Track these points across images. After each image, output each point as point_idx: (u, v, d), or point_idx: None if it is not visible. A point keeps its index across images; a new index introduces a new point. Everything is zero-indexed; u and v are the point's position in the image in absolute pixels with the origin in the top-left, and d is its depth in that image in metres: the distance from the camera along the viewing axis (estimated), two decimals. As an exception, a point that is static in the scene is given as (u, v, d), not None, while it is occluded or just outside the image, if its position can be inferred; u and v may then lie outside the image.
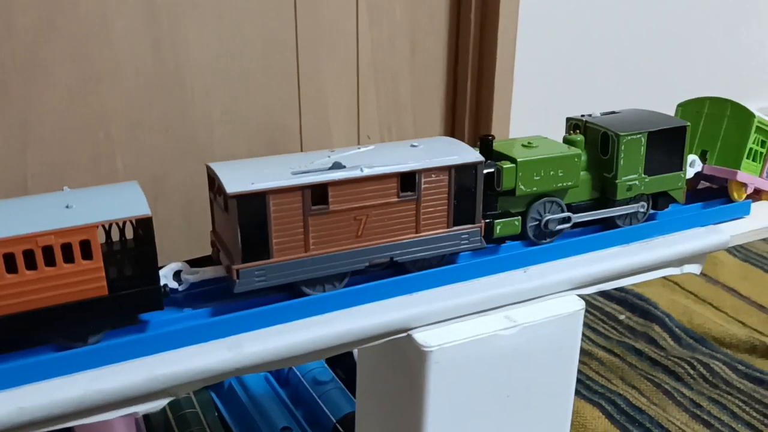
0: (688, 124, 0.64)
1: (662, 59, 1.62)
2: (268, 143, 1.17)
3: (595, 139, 0.62)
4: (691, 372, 0.95)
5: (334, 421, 0.75)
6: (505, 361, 0.56)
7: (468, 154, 0.54)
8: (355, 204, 0.51)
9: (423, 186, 0.53)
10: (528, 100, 1.38)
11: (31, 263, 0.43)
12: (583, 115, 0.66)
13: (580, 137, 0.62)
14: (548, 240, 0.61)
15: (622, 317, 1.06)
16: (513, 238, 0.60)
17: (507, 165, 0.57)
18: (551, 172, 0.59)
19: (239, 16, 1.07)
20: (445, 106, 1.32)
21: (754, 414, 0.88)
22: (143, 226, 0.46)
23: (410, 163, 0.52)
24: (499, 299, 0.56)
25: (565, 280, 0.59)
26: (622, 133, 0.60)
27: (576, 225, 0.62)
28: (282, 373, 0.84)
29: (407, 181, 0.52)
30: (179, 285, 0.50)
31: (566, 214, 0.60)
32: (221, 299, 0.51)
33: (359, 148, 0.54)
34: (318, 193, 0.50)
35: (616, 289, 1.11)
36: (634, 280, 0.63)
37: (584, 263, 0.60)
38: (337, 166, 0.50)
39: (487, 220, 0.57)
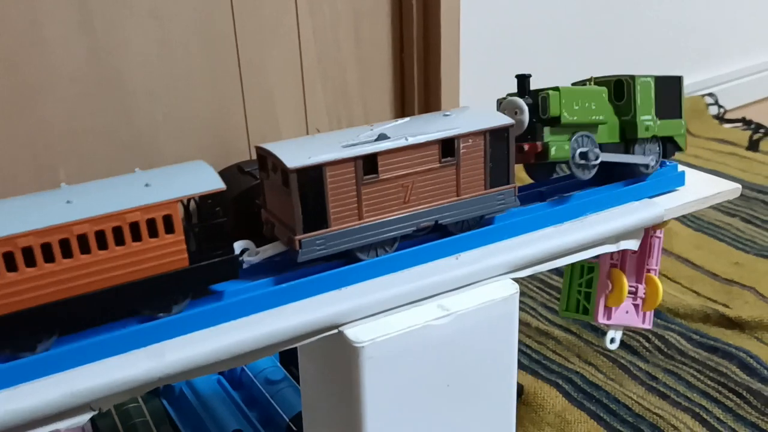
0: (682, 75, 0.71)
1: (603, 31, 1.63)
2: (215, 141, 1.15)
3: (608, 90, 0.66)
4: (647, 345, 0.95)
5: (287, 420, 0.74)
6: (441, 350, 0.55)
7: (499, 119, 0.58)
8: (402, 172, 0.55)
9: (461, 151, 0.56)
10: (476, 81, 1.38)
11: (118, 240, 0.46)
12: (583, 80, 0.70)
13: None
14: (587, 173, 0.63)
15: (578, 295, 1.06)
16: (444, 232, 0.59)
17: (552, 92, 0.60)
18: (587, 104, 0.63)
19: (175, 16, 1.06)
20: (393, 92, 1.32)
21: (709, 382, 0.88)
22: (219, 199, 0.49)
23: (449, 130, 0.56)
24: (431, 288, 0.56)
25: (499, 265, 0.58)
26: (636, 76, 0.66)
27: (603, 165, 0.64)
28: (235, 374, 0.83)
29: (447, 147, 0.56)
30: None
31: (598, 151, 0.63)
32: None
33: (396, 121, 0.58)
34: (368, 164, 0.53)
35: (571, 266, 1.11)
36: (570, 259, 0.63)
37: (517, 246, 0.60)
38: (382, 137, 0.54)
39: (541, 142, 0.60)
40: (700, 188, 0.69)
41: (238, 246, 0.53)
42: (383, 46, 1.27)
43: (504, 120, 0.58)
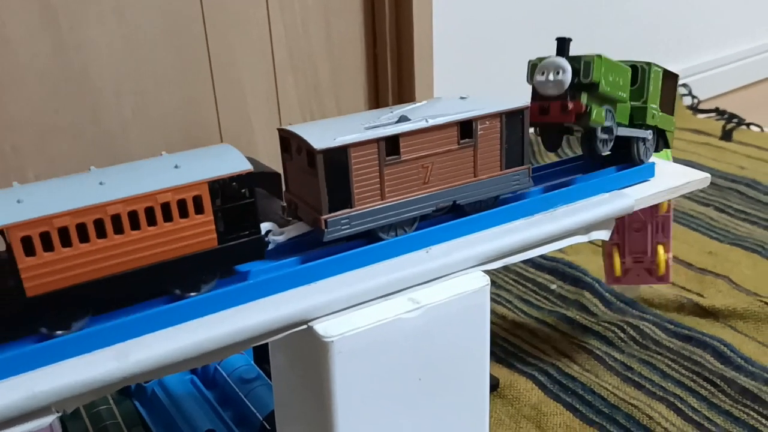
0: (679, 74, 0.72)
1: (577, 23, 1.63)
2: (186, 138, 1.14)
3: None
4: (622, 335, 0.96)
5: (261, 419, 0.73)
6: (412, 344, 0.55)
7: (514, 102, 0.59)
8: (423, 153, 0.56)
9: (479, 132, 0.58)
10: (449, 73, 1.37)
11: (150, 220, 0.47)
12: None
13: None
14: (605, 147, 0.65)
15: (553, 287, 1.07)
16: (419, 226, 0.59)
17: (597, 58, 0.61)
18: (618, 79, 0.64)
19: (141, 11, 1.04)
20: (367, 86, 1.31)
21: (683, 371, 0.89)
22: (247, 180, 0.50)
23: (467, 112, 0.57)
24: (401, 282, 0.55)
25: (469, 257, 0.58)
26: (651, 63, 0.67)
27: (618, 139, 0.66)
28: (208, 373, 0.82)
29: (465, 128, 0.58)
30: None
31: (617, 127, 0.65)
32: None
33: (416, 104, 0.60)
34: (391, 145, 0.55)
35: (547, 258, 1.12)
36: (541, 250, 0.63)
37: (488, 238, 0.59)
38: (403, 119, 0.56)
39: (585, 103, 0.61)
40: (669, 178, 0.70)
41: (263, 227, 0.54)
42: (356, 41, 1.27)
43: (520, 103, 0.60)
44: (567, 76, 0.62)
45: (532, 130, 0.64)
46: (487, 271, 0.59)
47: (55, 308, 0.45)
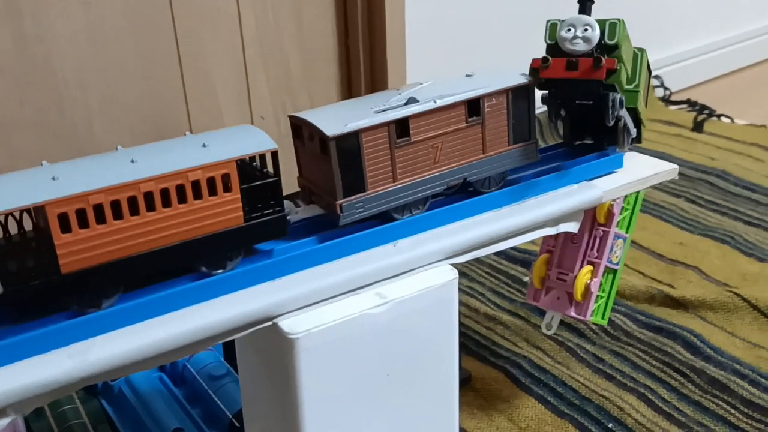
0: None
1: (548, 12, 1.63)
2: (154, 132, 1.12)
3: None
4: (593, 327, 0.96)
5: (230, 416, 0.72)
6: (380, 339, 0.54)
7: (520, 78, 0.60)
8: (432, 133, 0.57)
9: (486, 110, 0.59)
10: (422, 65, 1.37)
11: (180, 198, 0.47)
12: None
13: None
14: (612, 119, 0.63)
15: (526, 279, 1.06)
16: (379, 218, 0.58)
17: (620, 20, 0.61)
18: (628, 51, 0.64)
19: (107, 2, 1.02)
20: (340, 78, 1.30)
21: (653, 362, 0.89)
22: (272, 159, 0.50)
23: (474, 90, 0.58)
24: (368, 277, 0.54)
25: (437, 251, 0.57)
26: (644, 50, 0.67)
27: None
28: (177, 370, 0.81)
29: (473, 107, 0.58)
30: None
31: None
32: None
33: (422, 84, 0.60)
34: (401, 127, 0.55)
35: (519, 250, 1.11)
36: (510, 243, 0.62)
37: (456, 231, 0.59)
38: (412, 101, 0.56)
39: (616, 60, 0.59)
40: (638, 170, 0.69)
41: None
42: (327, 32, 1.25)
43: (525, 79, 0.60)
44: (596, 33, 0.60)
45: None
46: (458, 264, 0.58)
47: (87, 285, 0.45)
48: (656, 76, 1.88)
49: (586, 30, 0.60)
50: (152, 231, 0.47)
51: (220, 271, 0.51)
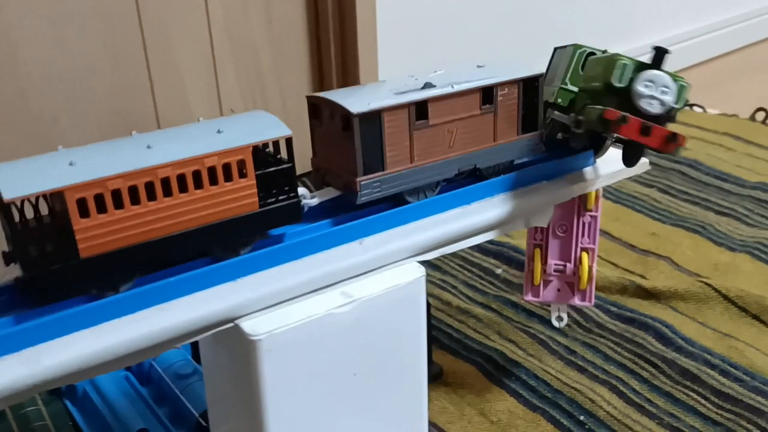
0: None
1: (522, 5, 1.62)
2: (121, 125, 1.10)
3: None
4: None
5: (197, 415, 0.71)
6: (346, 339, 0.53)
7: (530, 69, 0.61)
8: (448, 118, 0.58)
9: (499, 98, 0.60)
10: (394, 56, 1.35)
11: (197, 184, 0.48)
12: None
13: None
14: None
15: (498, 271, 1.06)
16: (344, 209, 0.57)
17: (684, 81, 0.58)
18: None
19: (68, -7, 0.99)
20: (311, 70, 1.28)
21: (626, 354, 0.89)
22: (286, 144, 0.51)
23: (489, 79, 0.59)
24: (333, 276, 0.53)
25: (404, 248, 0.56)
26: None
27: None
28: (143, 370, 0.80)
29: (487, 94, 0.60)
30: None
31: None
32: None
33: (435, 71, 0.61)
34: (419, 110, 0.56)
35: (492, 243, 1.11)
36: (479, 239, 0.62)
37: (423, 228, 0.58)
38: (429, 85, 0.57)
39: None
40: (609, 164, 0.69)
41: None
42: (298, 23, 1.24)
43: (534, 70, 0.62)
44: (672, 99, 0.57)
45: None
46: (430, 258, 0.58)
47: (106, 270, 0.46)
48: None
49: (664, 92, 0.57)
50: (169, 216, 0.48)
51: (234, 256, 0.51)
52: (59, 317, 0.45)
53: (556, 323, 0.80)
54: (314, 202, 0.56)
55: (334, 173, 0.57)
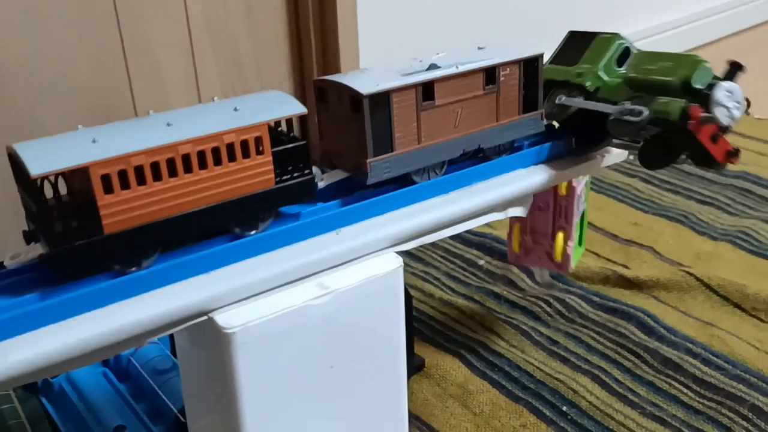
0: None
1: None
2: (98, 117, 1.08)
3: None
4: (548, 309, 0.96)
5: (175, 411, 0.70)
6: (322, 331, 0.52)
7: (530, 50, 0.62)
8: (454, 98, 0.59)
9: (501, 79, 0.61)
10: (375, 45, 1.34)
11: (216, 160, 0.49)
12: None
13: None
14: None
15: (481, 262, 1.06)
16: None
17: None
18: None
19: (41, -17, 0.98)
20: (291, 60, 1.27)
21: (608, 343, 0.89)
22: (300, 123, 0.52)
23: (491, 60, 0.60)
24: (309, 267, 0.53)
25: (382, 238, 0.56)
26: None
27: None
28: (121, 365, 0.78)
29: (490, 75, 0.60)
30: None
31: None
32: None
33: (438, 54, 0.61)
34: (426, 90, 0.57)
35: (474, 234, 1.10)
36: (458, 229, 0.61)
37: (401, 218, 0.57)
38: (434, 67, 0.58)
39: None
40: (587, 153, 0.68)
41: None
42: (278, 12, 1.22)
43: (534, 51, 0.62)
44: (739, 114, 0.59)
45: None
46: (412, 249, 0.57)
47: (129, 246, 0.46)
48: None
49: (736, 107, 0.58)
50: (189, 193, 0.48)
51: (252, 232, 0.52)
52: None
53: (539, 279, 0.87)
54: (322, 184, 0.57)
55: (342, 156, 0.58)
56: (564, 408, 0.80)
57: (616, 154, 0.69)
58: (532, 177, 0.64)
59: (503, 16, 1.61)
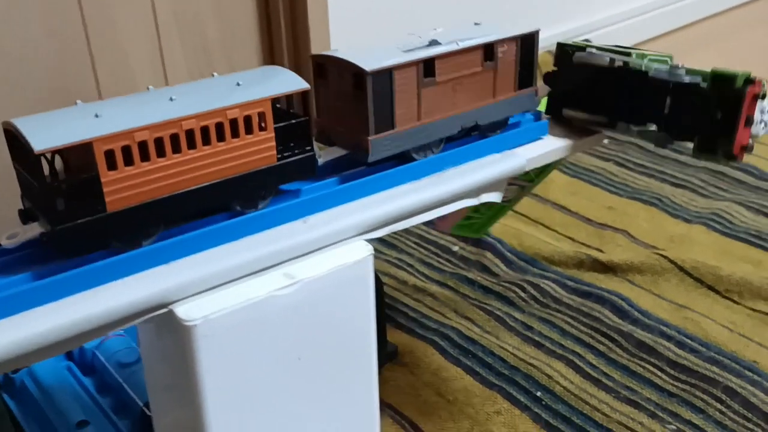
0: None
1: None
2: (62, 105, 1.05)
3: None
4: (522, 295, 0.95)
5: (141, 404, 0.68)
6: (289, 322, 0.51)
7: (526, 27, 0.63)
8: (454, 75, 0.59)
9: (499, 55, 0.61)
10: (346, 30, 1.32)
11: (219, 136, 0.48)
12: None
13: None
14: None
15: (455, 248, 1.05)
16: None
17: None
18: None
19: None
20: (260, 45, 1.24)
21: (582, 328, 0.89)
22: (302, 99, 0.51)
23: (489, 36, 0.60)
24: (275, 256, 0.51)
25: (351, 226, 0.54)
26: None
27: None
28: (86, 359, 0.76)
29: (488, 51, 0.60)
30: None
31: None
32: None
33: (435, 29, 0.61)
34: (427, 67, 0.57)
35: (449, 220, 1.09)
36: (430, 215, 0.59)
37: (371, 205, 0.56)
38: (434, 43, 0.57)
39: None
40: (559, 138, 0.67)
41: None
42: (245, -3, 1.19)
43: (531, 28, 0.63)
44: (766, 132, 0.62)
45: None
46: (386, 236, 0.56)
47: (132, 223, 0.46)
48: (586, 40, 1.87)
49: (764, 124, 0.61)
50: (193, 169, 0.47)
51: (253, 210, 0.51)
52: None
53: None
54: (321, 161, 0.56)
55: (341, 133, 0.57)
56: (538, 393, 0.79)
57: (593, 138, 0.68)
58: (507, 162, 0.62)
59: (473, 2, 1.60)
